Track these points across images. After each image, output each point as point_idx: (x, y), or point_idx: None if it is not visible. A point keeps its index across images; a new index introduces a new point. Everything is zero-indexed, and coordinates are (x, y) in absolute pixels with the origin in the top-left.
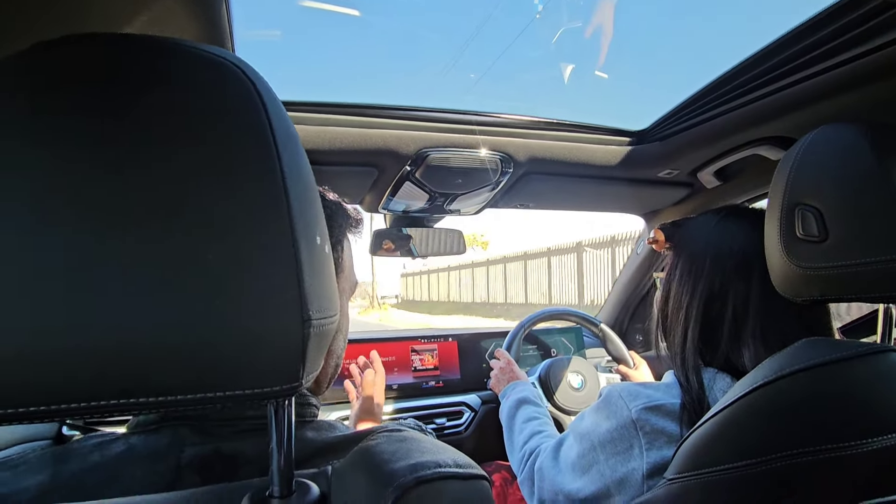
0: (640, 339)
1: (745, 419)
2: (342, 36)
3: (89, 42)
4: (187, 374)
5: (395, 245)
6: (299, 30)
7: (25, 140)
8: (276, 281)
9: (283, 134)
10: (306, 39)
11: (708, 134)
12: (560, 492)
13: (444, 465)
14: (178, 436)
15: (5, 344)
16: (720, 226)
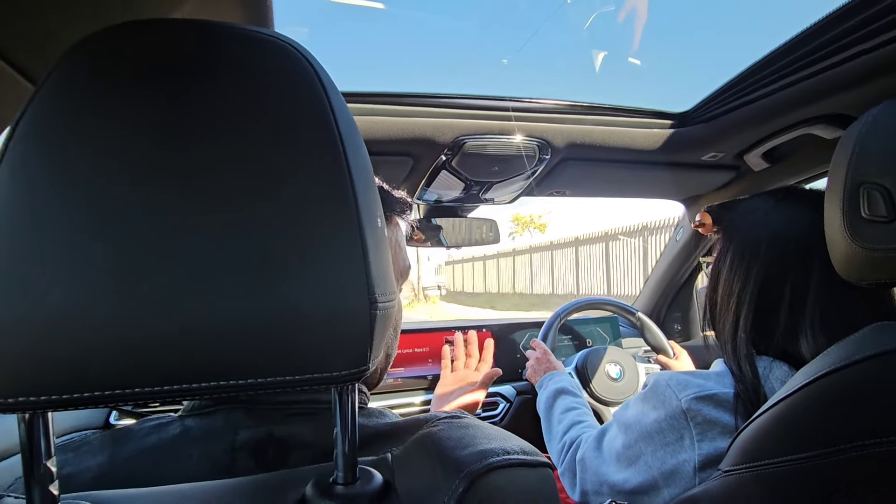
0: (678, 329)
1: (809, 409)
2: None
3: (158, 27)
4: (260, 358)
5: (427, 235)
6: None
7: (96, 125)
8: (345, 264)
9: (343, 117)
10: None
11: (757, 114)
12: (604, 483)
13: (511, 451)
14: (231, 419)
15: (90, 329)
16: (777, 209)
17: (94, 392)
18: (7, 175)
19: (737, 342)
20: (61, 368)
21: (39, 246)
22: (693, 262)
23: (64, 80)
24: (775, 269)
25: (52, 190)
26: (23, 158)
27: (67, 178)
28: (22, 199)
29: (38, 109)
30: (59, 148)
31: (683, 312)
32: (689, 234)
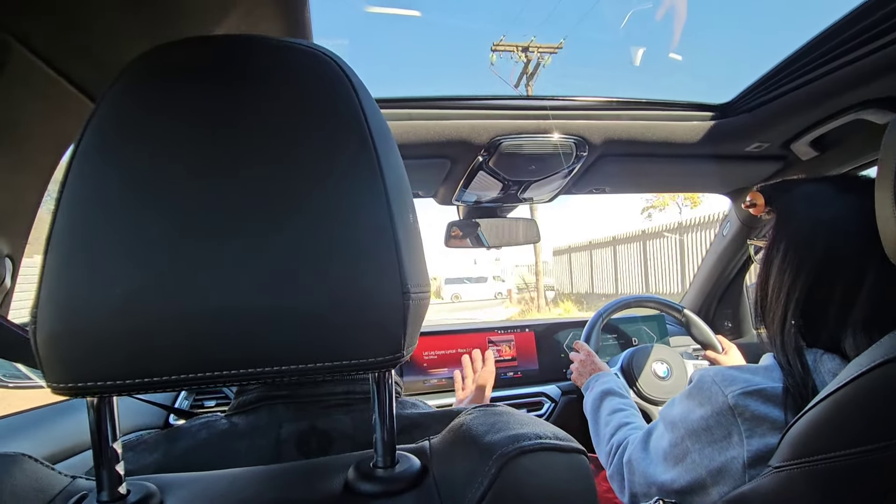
0: (728, 326)
1: (863, 401)
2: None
3: (206, 43)
4: (305, 345)
5: (467, 237)
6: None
7: (154, 131)
8: (379, 255)
9: (374, 119)
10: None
11: (803, 100)
12: (653, 483)
13: (544, 436)
14: (275, 414)
15: (152, 317)
16: (838, 199)
17: (154, 378)
18: (78, 175)
19: (785, 335)
20: (126, 355)
21: (106, 239)
22: (742, 257)
23: (123, 93)
24: (829, 266)
25: (118, 190)
26: (92, 162)
27: (131, 178)
28: (91, 197)
29: (102, 119)
30: (122, 153)
31: (734, 309)
32: (736, 228)
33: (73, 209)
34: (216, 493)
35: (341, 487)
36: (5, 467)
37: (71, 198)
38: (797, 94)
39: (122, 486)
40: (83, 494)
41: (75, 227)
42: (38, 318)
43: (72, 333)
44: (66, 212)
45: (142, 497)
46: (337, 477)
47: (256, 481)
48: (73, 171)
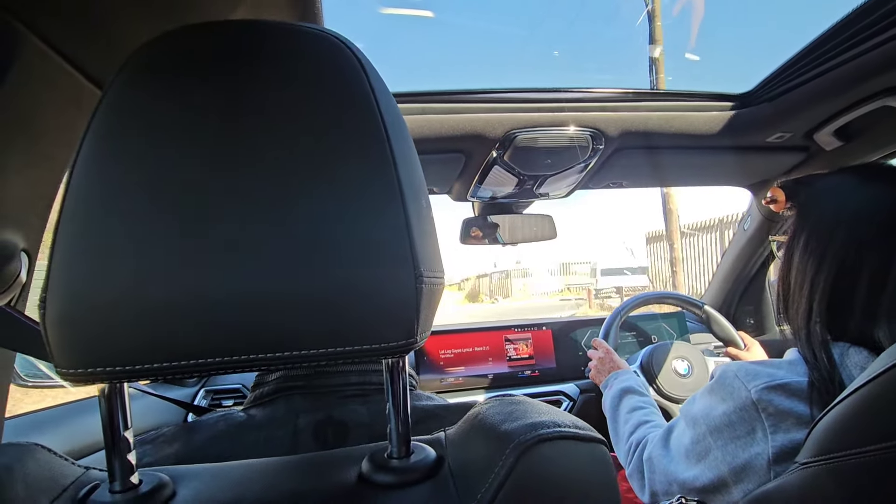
0: (750, 323)
1: (892, 396)
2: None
3: (215, 28)
4: (316, 329)
5: (483, 233)
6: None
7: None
8: (391, 239)
9: (386, 104)
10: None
11: (827, 88)
12: (674, 481)
13: (563, 425)
14: (291, 405)
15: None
16: (862, 187)
17: (164, 363)
18: (86, 162)
19: (810, 328)
20: (135, 340)
21: (114, 224)
22: (764, 252)
23: (130, 80)
24: (853, 253)
25: (127, 175)
26: (99, 149)
27: (139, 164)
28: (99, 183)
29: (109, 106)
30: (129, 139)
31: (756, 305)
32: (758, 223)
33: (82, 195)
34: (229, 484)
35: (355, 478)
36: (18, 456)
37: (79, 184)
38: (821, 81)
39: (135, 476)
40: (95, 484)
41: (84, 213)
42: (48, 302)
43: (80, 317)
44: (75, 197)
45: (154, 487)
46: (351, 468)
47: (270, 472)
48: (82, 158)
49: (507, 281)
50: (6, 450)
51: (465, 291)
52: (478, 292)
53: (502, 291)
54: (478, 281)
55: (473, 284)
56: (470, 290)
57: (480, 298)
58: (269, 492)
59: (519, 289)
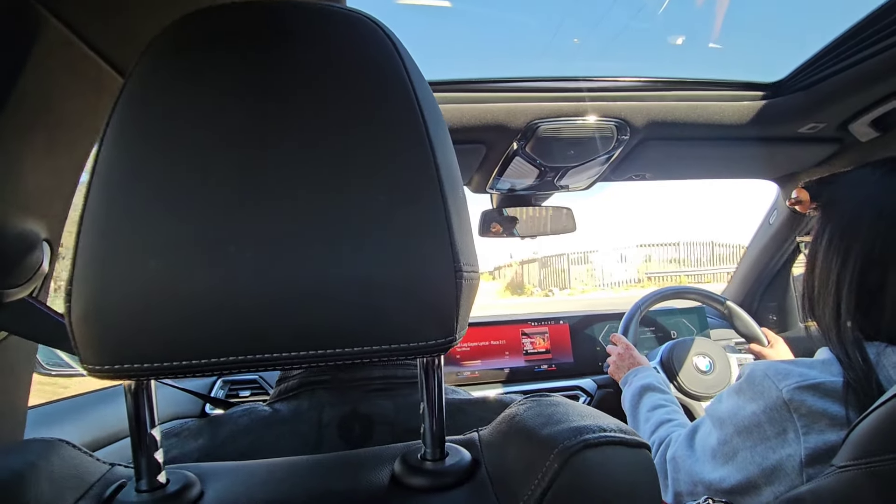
0: (773, 319)
1: None
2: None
3: (239, 7)
4: (349, 327)
5: (502, 226)
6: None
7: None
8: (430, 232)
9: (422, 89)
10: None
11: (865, 76)
12: (699, 482)
13: (608, 429)
14: (316, 399)
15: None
16: (884, 181)
17: (192, 360)
18: (110, 151)
19: (840, 328)
20: (163, 336)
21: (139, 219)
22: (789, 247)
23: (153, 65)
24: (879, 248)
25: (152, 165)
26: (123, 137)
27: (164, 153)
28: (123, 173)
29: (132, 93)
30: (153, 127)
31: (779, 302)
32: (783, 217)
33: (106, 186)
34: (257, 483)
35: (388, 480)
36: (44, 453)
37: (103, 174)
38: (859, 69)
39: (162, 475)
40: (121, 483)
41: (109, 204)
42: (73, 296)
43: (107, 313)
44: (99, 188)
45: (182, 486)
46: (383, 469)
47: (299, 471)
48: (105, 147)
49: (563, 268)
50: (31, 446)
51: (505, 281)
52: (522, 282)
53: (557, 281)
54: (522, 268)
55: (515, 272)
56: (512, 280)
57: (528, 290)
58: (298, 492)
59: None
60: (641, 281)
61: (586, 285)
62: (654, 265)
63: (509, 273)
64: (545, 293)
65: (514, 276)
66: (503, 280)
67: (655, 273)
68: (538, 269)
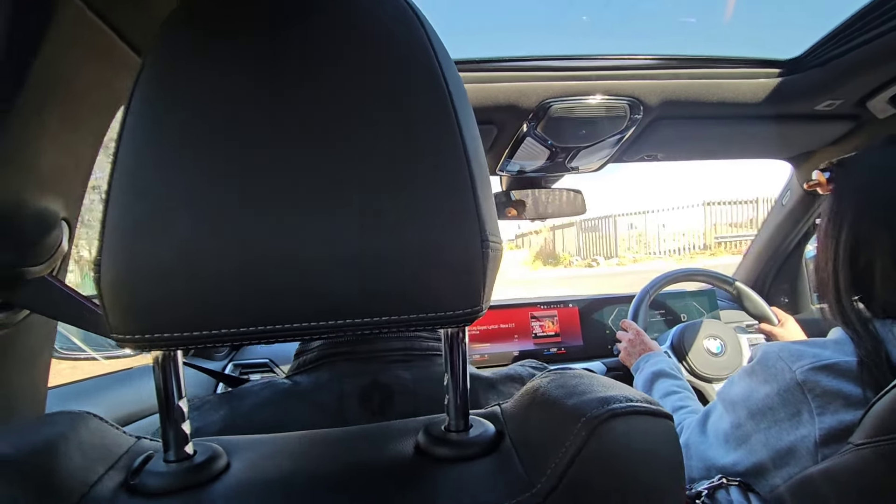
0: (785, 301)
1: None
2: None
3: None
4: (376, 297)
5: (513, 208)
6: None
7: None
8: (457, 200)
9: (445, 60)
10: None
11: (884, 51)
12: (712, 467)
13: (634, 400)
14: (336, 371)
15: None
16: (876, 160)
17: (221, 329)
18: (133, 127)
19: (844, 306)
20: (190, 304)
21: (165, 192)
22: (803, 228)
23: (171, 43)
24: (865, 224)
25: (175, 138)
26: (145, 113)
27: (186, 127)
28: (146, 148)
29: (153, 68)
30: (175, 102)
31: (791, 283)
32: (797, 197)
33: (131, 160)
34: (283, 455)
35: (412, 451)
36: (73, 424)
37: (128, 149)
38: (877, 44)
39: (189, 446)
40: (149, 454)
41: (134, 178)
42: (103, 266)
43: (137, 282)
44: (125, 162)
45: (208, 458)
46: (407, 440)
47: (324, 444)
48: (129, 123)
49: (609, 233)
50: (59, 418)
51: (533, 250)
52: (553, 251)
53: (600, 248)
54: (553, 234)
55: (545, 240)
56: (542, 249)
57: (565, 259)
58: (324, 463)
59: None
60: (710, 247)
61: (637, 253)
62: (724, 228)
63: (537, 241)
64: (587, 263)
65: (544, 245)
66: (530, 249)
67: (727, 237)
68: (576, 234)
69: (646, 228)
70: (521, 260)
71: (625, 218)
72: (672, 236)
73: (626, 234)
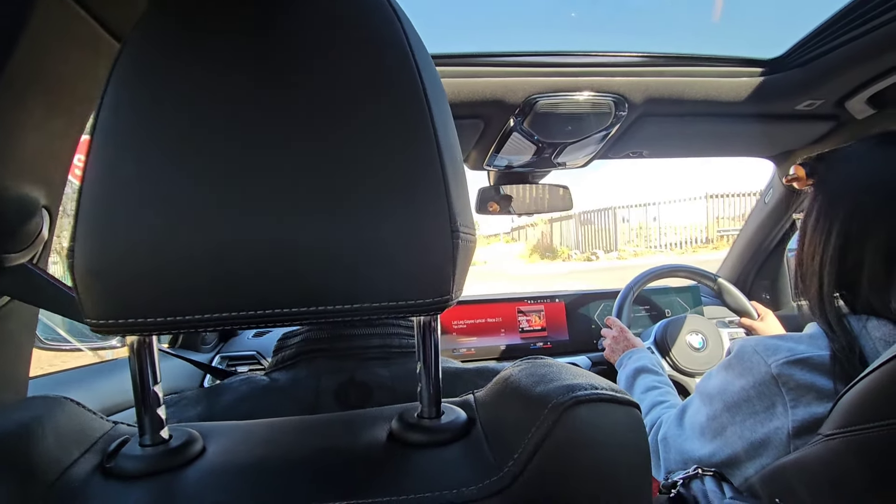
0: (766, 297)
1: None
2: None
3: None
4: (348, 284)
5: (499, 203)
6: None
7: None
8: (427, 191)
9: (422, 57)
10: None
11: (863, 53)
12: (689, 459)
13: (599, 387)
14: (314, 367)
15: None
16: (867, 156)
17: (194, 315)
18: (108, 116)
19: (824, 301)
20: (162, 291)
21: (140, 178)
22: (784, 226)
23: (153, 23)
24: (858, 223)
25: (149, 126)
26: (120, 102)
27: (160, 116)
28: (121, 135)
29: (130, 55)
30: (150, 92)
31: (773, 280)
32: (779, 195)
33: (106, 146)
34: (258, 441)
35: (385, 436)
36: (49, 409)
37: (103, 135)
38: (856, 45)
39: (164, 431)
40: (125, 438)
41: (109, 164)
42: (76, 254)
43: (109, 267)
44: (99, 148)
45: (184, 442)
46: (380, 427)
47: (298, 430)
48: (105, 110)
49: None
50: (35, 402)
51: (530, 243)
52: (551, 244)
53: (600, 242)
54: (551, 227)
55: (542, 233)
56: (539, 242)
57: (563, 253)
58: (298, 448)
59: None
60: (712, 241)
61: (638, 247)
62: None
63: (533, 234)
64: (586, 257)
65: (541, 238)
66: (526, 242)
67: (730, 231)
68: (574, 227)
69: (647, 221)
70: (516, 253)
71: (625, 210)
72: (673, 229)
73: (627, 227)
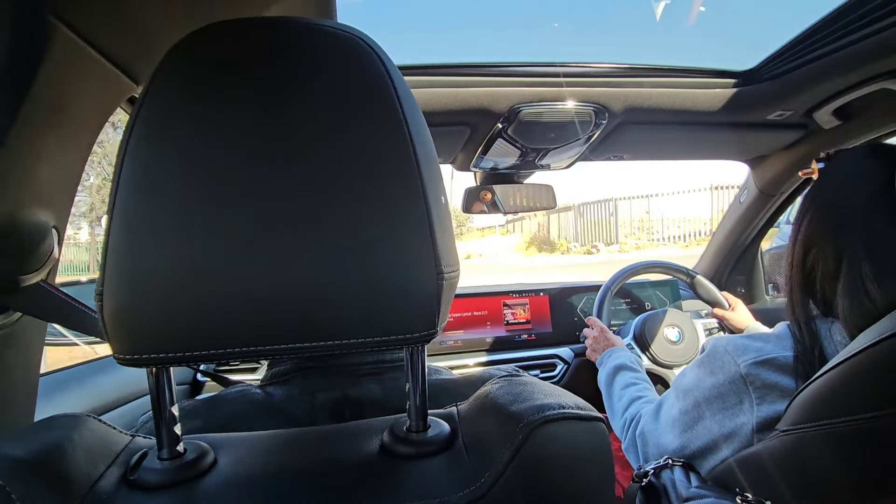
0: (741, 292)
1: (873, 369)
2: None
3: (247, 25)
4: (350, 320)
5: (485, 203)
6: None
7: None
8: (416, 239)
9: (407, 101)
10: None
11: (829, 68)
12: (665, 452)
13: (566, 406)
14: (308, 383)
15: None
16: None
17: (210, 350)
18: (133, 160)
19: (793, 304)
20: (184, 330)
21: (162, 227)
22: (759, 224)
23: (169, 78)
24: (815, 229)
25: (171, 174)
26: (144, 147)
27: (182, 162)
28: (146, 182)
29: (152, 103)
30: (170, 138)
31: (747, 275)
32: (753, 196)
33: (127, 200)
34: (264, 452)
35: (378, 449)
36: (76, 427)
37: (128, 182)
38: (824, 61)
39: (180, 445)
40: (144, 452)
41: (133, 211)
42: (105, 294)
43: (135, 308)
44: (122, 201)
45: (198, 455)
46: (373, 439)
47: (300, 441)
48: (129, 156)
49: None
50: (63, 421)
51: (526, 235)
52: (548, 237)
53: (600, 234)
54: (548, 218)
55: (539, 225)
56: (535, 234)
57: (562, 246)
58: (300, 459)
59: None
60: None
61: (640, 239)
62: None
63: (529, 226)
64: (587, 250)
65: (538, 230)
66: (522, 234)
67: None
68: (573, 219)
69: (650, 213)
70: (512, 246)
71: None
72: (676, 222)
73: (628, 219)
